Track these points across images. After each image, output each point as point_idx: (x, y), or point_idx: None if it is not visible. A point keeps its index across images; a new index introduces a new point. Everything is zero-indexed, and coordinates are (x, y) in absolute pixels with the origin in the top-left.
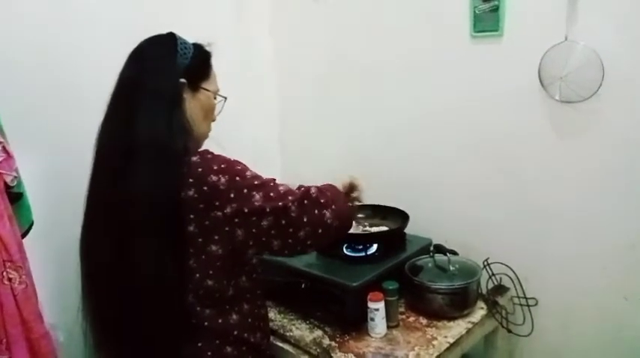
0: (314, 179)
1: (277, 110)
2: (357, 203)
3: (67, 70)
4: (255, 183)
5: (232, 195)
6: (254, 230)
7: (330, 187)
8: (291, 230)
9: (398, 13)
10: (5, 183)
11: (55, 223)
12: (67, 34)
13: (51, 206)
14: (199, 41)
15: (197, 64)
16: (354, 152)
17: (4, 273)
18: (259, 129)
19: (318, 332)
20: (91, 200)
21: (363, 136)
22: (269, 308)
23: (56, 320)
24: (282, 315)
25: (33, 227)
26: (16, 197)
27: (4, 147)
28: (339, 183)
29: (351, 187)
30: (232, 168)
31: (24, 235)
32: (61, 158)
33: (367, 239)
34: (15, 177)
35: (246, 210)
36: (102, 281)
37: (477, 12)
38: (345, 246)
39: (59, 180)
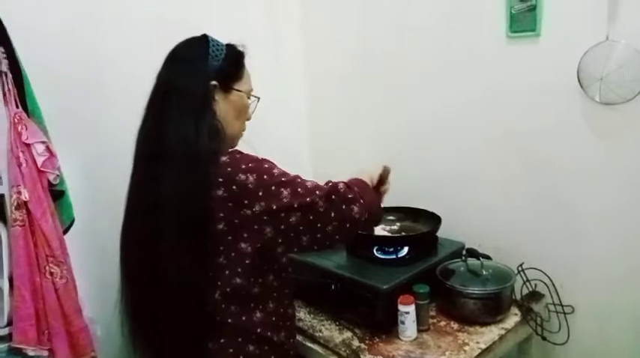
0: (344, 178)
1: (307, 109)
2: (384, 194)
3: (103, 70)
4: (283, 179)
5: (261, 194)
6: (282, 226)
7: (358, 181)
8: (319, 225)
9: (432, 12)
10: (49, 181)
11: (94, 221)
12: (100, 36)
13: (91, 204)
14: (230, 41)
15: (229, 65)
16: (386, 152)
17: (47, 268)
18: (289, 128)
19: (348, 334)
20: (129, 200)
21: (395, 137)
22: (299, 308)
23: (94, 315)
24: (311, 315)
25: (74, 224)
26: (58, 194)
27: (47, 147)
28: (368, 175)
29: (381, 179)
30: (260, 167)
31: (65, 231)
32: (102, 157)
33: (398, 241)
34: (58, 175)
35: (274, 208)
36: (135, 279)
37: (513, 12)
38: (376, 248)
39: (100, 179)
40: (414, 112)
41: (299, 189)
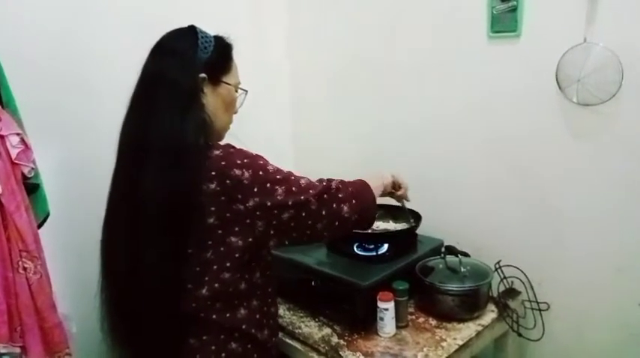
0: (329, 175)
1: (291, 108)
2: (405, 201)
3: (83, 63)
4: (278, 177)
5: (255, 189)
6: (274, 222)
7: (359, 182)
8: (310, 222)
9: (414, 12)
10: (23, 174)
11: (70, 215)
12: (81, 28)
13: (67, 198)
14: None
15: (217, 57)
16: (367, 151)
17: (20, 263)
18: (273, 126)
19: (327, 330)
20: (111, 194)
21: (376, 135)
22: (278, 305)
23: (70, 311)
24: (291, 312)
25: (49, 218)
26: (32, 188)
27: (22, 139)
28: (382, 182)
29: (395, 185)
30: (255, 163)
31: (40, 226)
32: (78, 150)
33: (378, 238)
34: (32, 168)
35: (268, 204)
36: (117, 275)
37: (494, 12)
38: (356, 245)
39: (76, 172)
40: (397, 112)
41: (293, 188)
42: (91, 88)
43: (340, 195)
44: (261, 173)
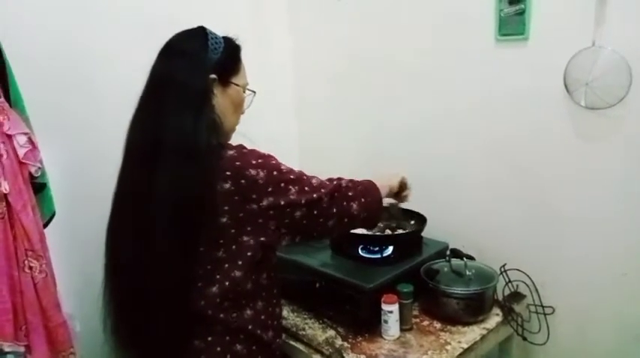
0: (333, 175)
1: (295, 108)
2: (406, 201)
3: (84, 62)
4: (291, 177)
5: (270, 189)
6: (287, 220)
7: (367, 182)
8: (321, 220)
9: (421, 13)
10: (30, 174)
11: (76, 214)
12: (81, 27)
13: (73, 197)
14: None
15: (227, 58)
16: (372, 152)
17: (25, 262)
18: (277, 126)
19: (331, 332)
20: (118, 194)
21: (380, 136)
22: (282, 306)
23: (75, 310)
24: (295, 314)
25: (55, 218)
26: (39, 187)
27: (29, 138)
28: (388, 183)
29: (402, 186)
30: (269, 163)
31: (45, 225)
32: (80, 150)
33: (383, 241)
34: (39, 167)
35: (282, 203)
36: (121, 272)
37: (502, 15)
38: (361, 247)
39: (82, 172)
40: (403, 113)
41: (306, 187)
42: (91, 87)
43: (350, 194)
44: (275, 173)
